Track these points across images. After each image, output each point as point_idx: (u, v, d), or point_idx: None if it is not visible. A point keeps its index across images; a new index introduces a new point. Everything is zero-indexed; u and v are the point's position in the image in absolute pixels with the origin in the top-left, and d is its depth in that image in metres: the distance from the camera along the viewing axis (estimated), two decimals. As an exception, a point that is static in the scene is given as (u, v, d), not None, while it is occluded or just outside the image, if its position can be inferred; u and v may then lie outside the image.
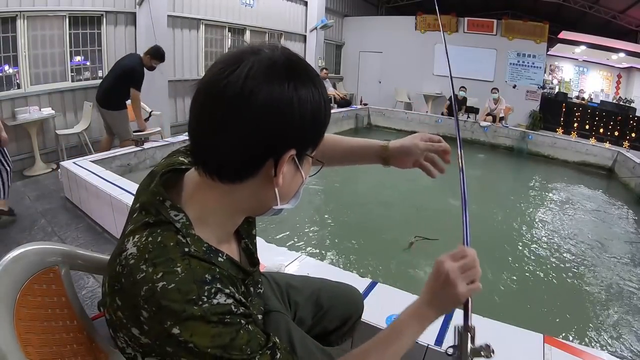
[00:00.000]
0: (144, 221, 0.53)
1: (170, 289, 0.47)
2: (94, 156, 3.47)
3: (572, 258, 3.25)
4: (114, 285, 0.51)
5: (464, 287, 0.61)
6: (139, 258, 0.49)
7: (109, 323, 0.56)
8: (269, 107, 0.47)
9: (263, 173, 0.51)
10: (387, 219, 3.78)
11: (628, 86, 11.50)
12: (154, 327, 0.48)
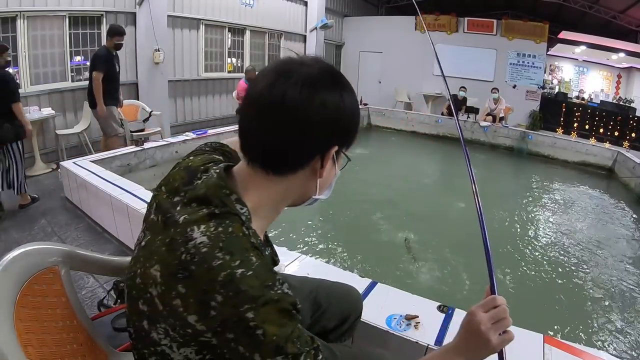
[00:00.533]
0: (208, 212, 0.55)
1: (249, 275, 0.51)
2: (94, 156, 3.47)
3: (572, 258, 3.25)
4: (178, 273, 0.53)
5: (496, 339, 0.61)
6: (212, 246, 0.52)
7: (146, 313, 0.57)
8: (322, 111, 0.56)
9: (311, 166, 0.60)
10: (386, 218, 3.78)
11: (628, 86, 11.49)
12: (225, 312, 0.50)
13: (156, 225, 0.61)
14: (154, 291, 0.55)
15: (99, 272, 1.16)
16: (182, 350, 0.56)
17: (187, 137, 4.37)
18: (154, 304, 0.55)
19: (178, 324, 0.53)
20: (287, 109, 0.55)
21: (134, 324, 0.62)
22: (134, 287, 0.59)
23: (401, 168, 5.81)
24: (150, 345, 0.59)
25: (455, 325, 1.36)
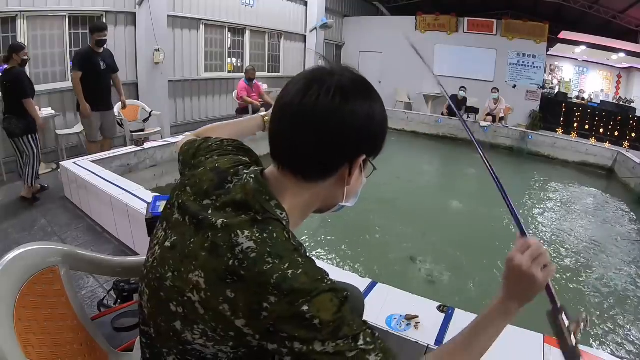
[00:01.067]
0: (250, 218, 0.57)
1: (300, 274, 0.53)
2: (94, 156, 3.47)
3: (572, 258, 3.25)
4: (226, 278, 0.53)
5: (540, 274, 0.60)
6: (260, 251, 0.54)
7: (181, 315, 0.57)
8: (353, 120, 0.58)
9: (339, 174, 0.62)
10: (386, 218, 3.78)
11: (628, 86, 11.49)
12: (279, 309, 0.51)
13: (183, 226, 0.62)
14: (196, 297, 0.55)
15: (99, 272, 1.16)
16: (217, 347, 0.57)
17: (187, 137, 4.36)
18: (194, 308, 0.56)
19: (221, 327, 0.55)
20: (319, 116, 0.57)
21: (157, 324, 0.62)
22: (162, 289, 0.60)
23: (401, 168, 5.80)
24: (180, 344, 0.59)
25: (455, 325, 1.37)
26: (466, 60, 9.13)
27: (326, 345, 0.52)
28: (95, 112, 3.79)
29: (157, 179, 3.95)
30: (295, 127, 0.58)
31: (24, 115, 3.20)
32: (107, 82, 3.92)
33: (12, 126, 3.22)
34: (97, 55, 3.74)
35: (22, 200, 3.33)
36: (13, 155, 4.08)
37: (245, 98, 5.89)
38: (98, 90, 3.76)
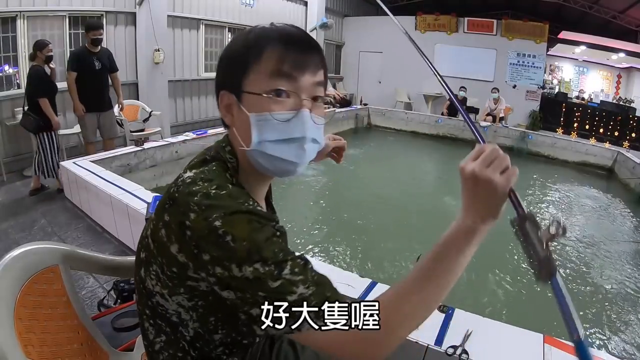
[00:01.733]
0: (201, 158, 0.64)
1: (223, 194, 0.55)
2: (94, 156, 3.47)
3: (571, 258, 3.25)
4: (165, 204, 0.57)
5: (499, 178, 0.52)
6: (194, 178, 0.57)
7: (144, 260, 0.62)
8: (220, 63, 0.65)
9: (226, 117, 0.66)
10: (386, 218, 3.78)
11: (628, 86, 11.49)
12: (197, 227, 0.52)
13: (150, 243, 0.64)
14: (148, 230, 0.61)
15: (99, 272, 1.16)
16: (175, 298, 0.60)
17: (187, 137, 4.36)
18: (148, 245, 0.60)
19: (165, 261, 0.57)
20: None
21: (136, 281, 0.66)
22: (140, 243, 0.64)
23: (401, 168, 5.81)
24: (146, 298, 0.63)
25: (455, 325, 1.37)
26: (466, 60, 9.12)
27: (243, 269, 0.50)
28: (90, 113, 3.74)
29: (157, 179, 3.95)
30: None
31: (40, 113, 3.30)
32: (103, 82, 3.84)
33: (27, 123, 3.35)
34: (92, 55, 3.68)
35: (30, 194, 3.47)
36: (13, 155, 4.10)
37: (245, 98, 5.88)
38: (92, 91, 3.70)
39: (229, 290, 0.52)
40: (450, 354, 1.22)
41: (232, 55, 0.63)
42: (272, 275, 0.50)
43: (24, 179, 3.90)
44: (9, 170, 3.93)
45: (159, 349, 0.67)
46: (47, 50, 3.33)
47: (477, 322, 1.39)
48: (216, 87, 0.65)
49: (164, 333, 0.65)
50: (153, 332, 0.67)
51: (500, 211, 0.55)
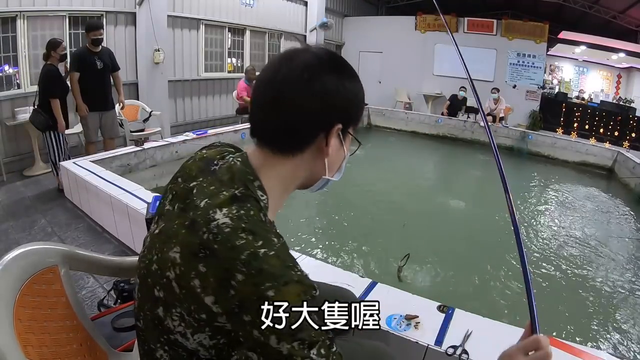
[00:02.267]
0: (230, 195, 0.57)
1: (272, 255, 0.52)
2: (94, 156, 3.47)
3: (572, 258, 3.25)
4: (199, 252, 0.53)
5: None
6: (235, 227, 0.53)
7: (162, 299, 0.58)
8: (321, 91, 0.60)
9: (316, 145, 0.63)
10: (386, 218, 3.77)
11: (628, 86, 11.49)
12: (245, 290, 0.51)
13: (172, 213, 0.62)
14: (172, 274, 0.56)
15: (99, 272, 1.16)
16: (197, 336, 0.57)
17: (187, 137, 4.36)
18: (171, 288, 0.56)
19: (194, 308, 0.54)
20: (288, 89, 0.59)
21: (145, 314, 0.62)
22: (149, 275, 0.60)
23: (401, 168, 5.80)
24: (163, 333, 0.60)
25: (455, 325, 1.36)
26: (466, 60, 8.85)
27: (281, 344, 0.51)
28: (92, 113, 3.75)
29: (157, 179, 3.95)
30: (267, 102, 0.61)
31: (50, 112, 3.33)
32: (105, 82, 3.85)
33: (36, 120, 3.38)
34: (94, 55, 3.69)
35: (58, 192, 3.53)
36: (13, 155, 4.11)
37: (245, 98, 5.88)
38: (95, 90, 3.72)
39: (254, 352, 0.53)
40: (450, 354, 1.22)
41: (352, 98, 0.65)
42: (302, 354, 0.52)
43: (24, 179, 3.90)
44: (9, 170, 3.93)
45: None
46: (61, 49, 3.36)
47: (477, 322, 1.39)
48: (322, 115, 0.62)
49: (179, 358, 0.62)
50: (167, 358, 0.63)
51: None
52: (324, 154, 0.64)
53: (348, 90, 0.63)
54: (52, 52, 3.32)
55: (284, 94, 0.60)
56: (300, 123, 0.61)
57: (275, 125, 0.61)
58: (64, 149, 3.55)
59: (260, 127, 0.63)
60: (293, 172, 0.65)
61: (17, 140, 4.12)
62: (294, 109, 0.60)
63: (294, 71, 0.60)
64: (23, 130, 4.06)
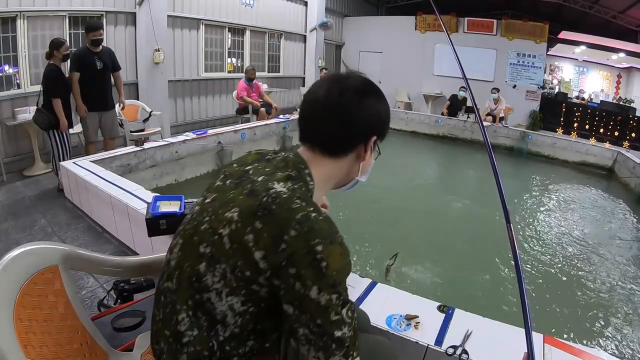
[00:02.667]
0: (286, 174, 0.71)
1: (322, 219, 0.63)
2: (94, 156, 3.47)
3: (572, 258, 3.25)
4: (258, 211, 0.63)
5: None
6: (291, 195, 0.65)
7: (207, 255, 0.66)
8: (366, 111, 0.76)
9: (356, 152, 0.78)
10: (385, 217, 3.77)
11: (628, 86, 11.49)
12: (296, 244, 0.60)
13: (224, 186, 0.73)
14: (226, 230, 0.64)
15: (99, 272, 1.16)
16: (230, 298, 0.65)
17: (187, 137, 4.36)
18: (221, 243, 0.64)
19: (240, 264, 0.63)
20: (342, 108, 0.74)
21: (182, 272, 0.69)
22: (197, 234, 0.69)
23: (400, 168, 5.80)
24: (197, 292, 0.66)
25: (455, 325, 1.36)
26: (466, 60, 9.04)
27: (320, 295, 0.59)
28: (92, 113, 3.76)
29: (157, 179, 3.95)
30: (325, 116, 0.75)
31: (53, 111, 3.35)
32: (105, 82, 3.85)
33: (39, 119, 3.41)
34: (94, 55, 3.69)
35: (58, 192, 3.52)
36: (13, 155, 4.11)
37: (245, 98, 5.88)
38: (94, 90, 3.72)
39: (292, 305, 0.61)
40: (450, 354, 1.22)
41: (384, 119, 0.80)
42: (337, 308, 0.60)
43: (24, 179, 3.90)
44: (9, 170, 3.93)
45: (187, 342, 0.69)
46: (64, 49, 3.39)
47: (477, 322, 1.39)
48: (366, 130, 0.77)
49: (199, 328, 0.68)
50: (187, 324, 0.68)
51: None
52: (361, 159, 0.79)
53: (383, 111, 0.79)
54: (54, 52, 3.34)
55: (341, 111, 0.74)
56: (351, 134, 0.76)
57: (331, 134, 0.75)
58: (67, 149, 3.56)
59: (315, 133, 0.77)
60: (335, 170, 0.78)
61: (17, 140, 4.13)
62: (349, 123, 0.75)
63: (347, 93, 0.74)
64: (23, 130, 4.06)
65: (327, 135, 0.76)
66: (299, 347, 0.62)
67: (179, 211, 1.97)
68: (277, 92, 7.89)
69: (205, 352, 0.69)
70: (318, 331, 0.60)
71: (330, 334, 0.60)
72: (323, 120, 0.75)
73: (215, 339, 0.68)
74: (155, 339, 0.75)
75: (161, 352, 0.72)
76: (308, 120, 0.78)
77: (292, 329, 0.62)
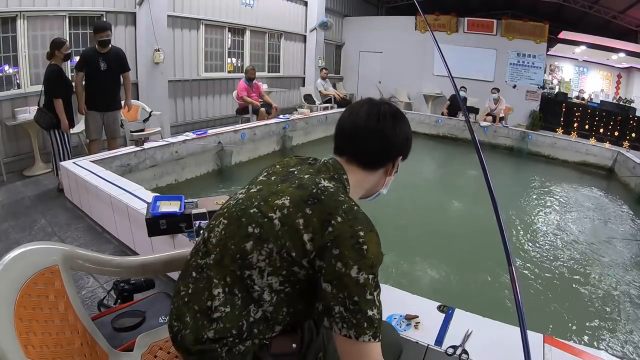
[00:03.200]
0: (329, 175, 0.83)
1: (361, 212, 0.75)
2: (94, 156, 3.47)
3: (571, 258, 3.25)
4: (308, 200, 0.74)
5: None
6: (336, 190, 0.77)
7: (256, 235, 0.74)
8: (399, 133, 0.89)
9: (385, 167, 0.91)
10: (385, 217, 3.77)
11: (628, 86, 11.49)
12: (342, 228, 0.70)
13: (270, 181, 0.83)
14: (277, 214, 0.74)
15: (99, 272, 1.16)
16: (270, 278, 0.73)
17: (187, 137, 4.36)
18: (271, 225, 0.73)
19: (288, 244, 0.71)
20: (381, 132, 0.87)
21: (226, 249, 0.76)
22: (245, 215, 0.77)
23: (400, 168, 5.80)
24: (239, 268, 0.74)
25: (455, 325, 1.36)
26: (466, 60, 9.12)
27: (360, 274, 0.68)
28: (94, 112, 3.77)
29: (157, 179, 3.95)
30: (366, 137, 0.87)
31: (54, 111, 3.38)
32: (109, 83, 3.83)
33: (40, 119, 3.43)
34: (99, 55, 3.69)
35: (58, 192, 3.52)
36: (13, 155, 4.11)
37: (245, 98, 5.88)
38: (98, 91, 3.73)
39: (331, 283, 0.68)
40: (450, 354, 1.22)
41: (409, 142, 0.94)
42: (371, 289, 0.69)
43: (24, 179, 3.90)
44: (9, 170, 3.93)
45: (217, 318, 0.74)
46: (65, 49, 3.41)
47: (477, 322, 1.39)
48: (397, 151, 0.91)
49: (232, 305, 0.74)
50: (221, 300, 0.74)
51: None
52: (388, 174, 0.93)
53: (410, 136, 0.93)
54: (56, 52, 3.36)
55: (380, 135, 0.87)
56: (385, 153, 0.89)
57: (370, 152, 0.87)
58: (68, 149, 3.57)
59: (355, 149, 0.88)
60: (366, 181, 0.90)
61: (17, 140, 4.13)
62: (386, 145, 0.88)
63: (384, 117, 0.87)
64: (23, 130, 4.06)
65: (366, 152, 0.88)
66: (332, 325, 0.68)
67: (179, 211, 1.97)
68: (277, 92, 7.89)
69: (234, 330, 0.74)
70: (353, 308, 0.67)
71: (364, 312, 0.67)
72: (364, 140, 0.87)
73: (246, 319, 0.74)
74: (176, 315, 0.79)
75: (183, 327, 0.76)
76: (350, 139, 0.89)
77: (328, 308, 0.68)
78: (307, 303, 0.75)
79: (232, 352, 0.74)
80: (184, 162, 4.25)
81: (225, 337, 0.73)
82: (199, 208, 1.97)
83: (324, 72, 8.28)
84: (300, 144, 6.17)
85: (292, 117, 6.08)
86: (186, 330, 0.76)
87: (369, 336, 0.67)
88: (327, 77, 8.39)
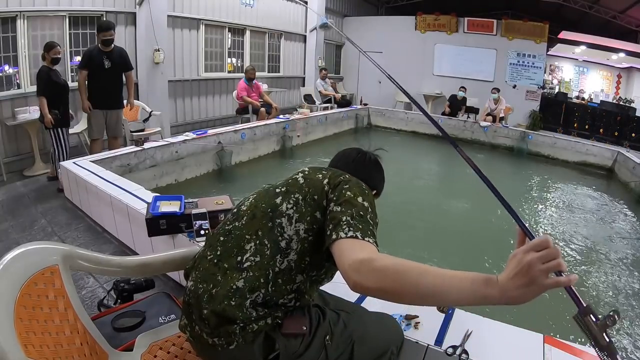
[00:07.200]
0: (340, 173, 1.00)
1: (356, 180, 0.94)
2: (94, 156, 3.47)
3: (571, 258, 3.26)
4: (323, 169, 1.00)
5: (547, 280, 0.55)
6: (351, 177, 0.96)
7: (284, 192, 0.95)
8: (380, 174, 1.16)
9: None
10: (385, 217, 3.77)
11: (628, 86, 11.48)
12: (350, 179, 0.93)
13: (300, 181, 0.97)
14: (300, 177, 0.97)
15: (99, 272, 1.16)
16: (298, 224, 0.87)
17: (187, 137, 4.36)
18: (296, 182, 0.96)
19: (311, 191, 0.91)
20: (369, 169, 1.12)
21: (256, 208, 0.94)
22: (271, 187, 0.99)
23: (400, 168, 5.81)
24: (271, 219, 0.89)
25: (455, 325, 1.36)
26: (466, 60, 9.12)
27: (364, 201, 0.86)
28: (97, 110, 3.81)
29: (157, 179, 3.95)
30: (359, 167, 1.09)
31: (56, 109, 3.50)
32: (112, 81, 3.88)
33: (41, 117, 3.51)
34: (102, 54, 3.74)
35: (58, 192, 3.53)
36: (13, 155, 4.11)
37: (245, 98, 5.88)
38: (100, 89, 3.78)
39: (340, 205, 0.83)
40: (450, 354, 1.22)
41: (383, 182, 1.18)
42: (372, 216, 0.85)
43: (24, 179, 3.90)
44: (9, 170, 3.93)
45: (247, 267, 0.85)
46: (54, 52, 3.47)
47: (477, 322, 1.39)
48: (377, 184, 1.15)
49: (261, 255, 0.86)
50: (252, 251, 0.86)
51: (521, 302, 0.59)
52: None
53: (383, 176, 1.17)
54: (45, 54, 3.48)
55: (366, 171, 1.09)
56: (371, 183, 1.04)
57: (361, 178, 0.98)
58: (64, 148, 3.61)
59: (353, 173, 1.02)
60: None
61: (17, 140, 4.13)
62: (371, 178, 1.09)
63: (370, 161, 1.14)
64: (23, 130, 4.06)
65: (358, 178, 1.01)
66: (339, 232, 0.76)
67: (179, 211, 1.97)
68: (277, 92, 7.89)
69: (261, 279, 0.84)
70: (359, 219, 0.79)
71: (367, 222, 0.80)
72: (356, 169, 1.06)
73: (272, 268, 0.85)
74: (202, 278, 0.88)
75: (213, 285, 0.85)
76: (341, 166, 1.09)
77: (337, 222, 0.79)
78: (322, 257, 0.87)
79: (246, 329, 0.81)
80: (184, 162, 4.25)
81: (252, 288, 0.82)
82: (199, 208, 1.97)
83: (323, 73, 8.28)
84: (300, 144, 6.18)
85: (292, 117, 6.08)
86: (217, 287, 0.84)
87: (372, 240, 0.76)
88: (326, 77, 8.39)
